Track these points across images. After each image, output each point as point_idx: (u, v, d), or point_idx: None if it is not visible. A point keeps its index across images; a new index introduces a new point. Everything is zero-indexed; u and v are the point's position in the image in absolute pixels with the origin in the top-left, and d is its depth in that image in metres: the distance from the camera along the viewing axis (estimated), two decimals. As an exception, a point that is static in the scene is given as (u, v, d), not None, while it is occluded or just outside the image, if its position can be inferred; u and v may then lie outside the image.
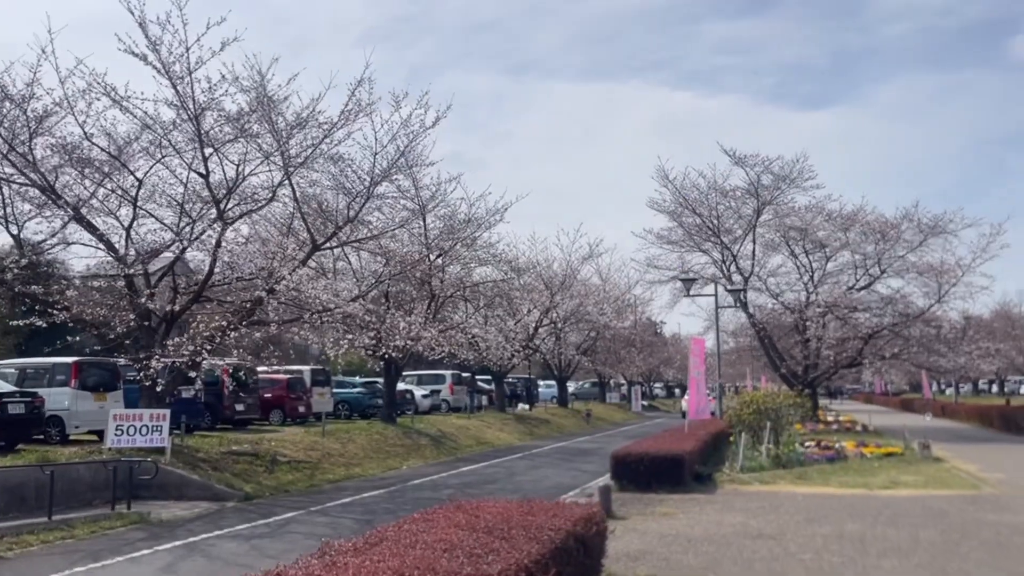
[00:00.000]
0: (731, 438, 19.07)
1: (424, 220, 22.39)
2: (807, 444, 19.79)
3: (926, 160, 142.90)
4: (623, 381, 61.81)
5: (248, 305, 15.33)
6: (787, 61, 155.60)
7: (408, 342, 20.50)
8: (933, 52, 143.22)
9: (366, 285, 19.80)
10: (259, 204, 15.04)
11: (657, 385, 79.14)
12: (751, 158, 31.12)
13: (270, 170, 14.57)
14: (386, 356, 21.01)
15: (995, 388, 69.85)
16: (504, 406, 35.04)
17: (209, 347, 14.13)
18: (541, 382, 53.96)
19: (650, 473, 13.61)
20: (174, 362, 14.15)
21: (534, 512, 6.49)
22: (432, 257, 22.88)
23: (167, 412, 14.44)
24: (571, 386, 64.24)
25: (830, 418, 35.14)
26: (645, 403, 58.35)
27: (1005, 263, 66.31)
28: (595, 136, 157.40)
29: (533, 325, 33.91)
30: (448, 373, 36.16)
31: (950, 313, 30.11)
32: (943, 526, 9.82)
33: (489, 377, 45.29)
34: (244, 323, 14.67)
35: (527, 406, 39.93)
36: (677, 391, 73.13)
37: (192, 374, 15.05)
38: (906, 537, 9.17)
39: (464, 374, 37.60)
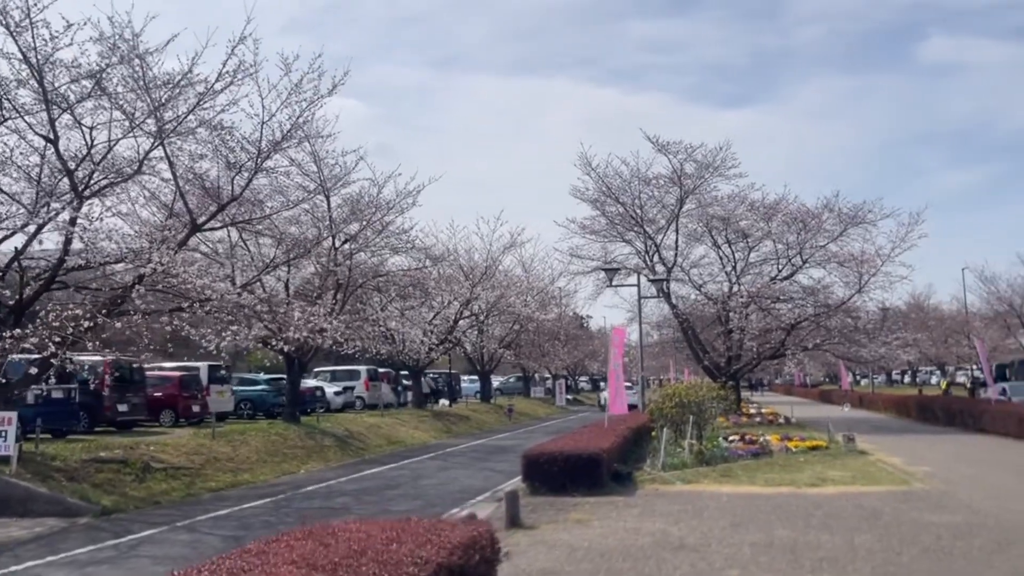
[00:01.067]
0: (653, 433, 18.16)
1: (328, 202, 20.70)
2: (731, 438, 19.01)
3: (841, 159, 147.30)
4: (548, 375, 61.01)
5: (117, 292, 13.47)
6: (708, 60, 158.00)
7: (307, 335, 18.86)
8: (846, 55, 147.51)
9: (254, 271, 17.98)
10: (124, 176, 13.16)
11: (583, 379, 78.79)
12: (674, 145, 30.42)
13: (135, 136, 12.73)
14: (284, 350, 19.28)
15: (907, 378, 71.95)
16: (422, 402, 33.54)
17: (59, 339, 12.23)
18: (465, 377, 52.63)
19: (565, 474, 12.42)
20: (20, 357, 12.21)
21: (402, 537, 5.13)
22: (337, 243, 21.22)
23: (13, 415, 12.50)
24: (496, 381, 63.16)
25: (752, 410, 34.88)
26: (570, 397, 57.65)
27: (916, 257, 68.20)
28: (523, 131, 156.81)
29: (453, 317, 32.53)
30: (363, 369, 34.42)
31: (870, 304, 30.11)
32: (879, 530, 8.89)
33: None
34: (105, 313, 12.80)
35: (447, 402, 38.52)
36: (602, 384, 72.87)
37: (41, 371, 13.08)
38: (841, 545, 8.19)
39: (382, 369, 35.99)
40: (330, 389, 31.52)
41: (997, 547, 7.84)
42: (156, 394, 21.89)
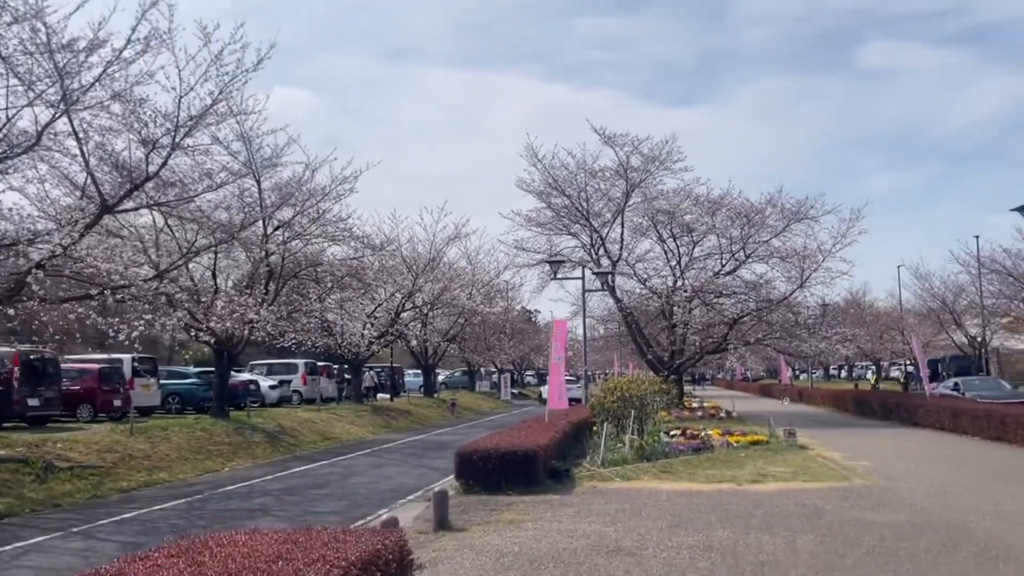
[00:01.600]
0: (594, 428, 17.74)
1: (259, 186, 19.70)
2: (672, 433, 18.70)
3: (784, 159, 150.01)
4: (494, 369, 60.46)
5: (14, 277, 12.39)
6: (657, 59, 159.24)
7: (232, 325, 17.91)
8: (790, 57, 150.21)
9: (174, 257, 16.92)
10: (21, 149, 12.07)
11: (529, 373, 78.45)
12: (620, 138, 30.15)
13: (35, 106, 11.66)
14: (209, 341, 18.31)
15: (844, 373, 73.47)
16: (362, 397, 32.63)
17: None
18: (409, 371, 51.72)
19: (500, 472, 11.84)
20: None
21: (293, 552, 4.46)
22: (268, 229, 20.24)
23: None
24: (442, 375, 62.35)
25: (695, 404, 34.93)
26: (516, 391, 57.21)
27: (854, 254, 69.50)
28: (473, 125, 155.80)
29: (395, 310, 31.68)
30: (301, 362, 33.33)
31: (810, 299, 30.33)
32: (822, 530, 8.52)
33: (369, 366, 42.68)
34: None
35: (388, 396, 37.66)
36: (576, 378, 72.62)
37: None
38: (783, 547, 7.78)
39: (322, 363, 34.93)
40: (265, 383, 30.40)
41: (943, 549, 7.51)
42: (73, 387, 20.59)
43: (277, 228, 20.76)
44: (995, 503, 10.06)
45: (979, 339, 38.87)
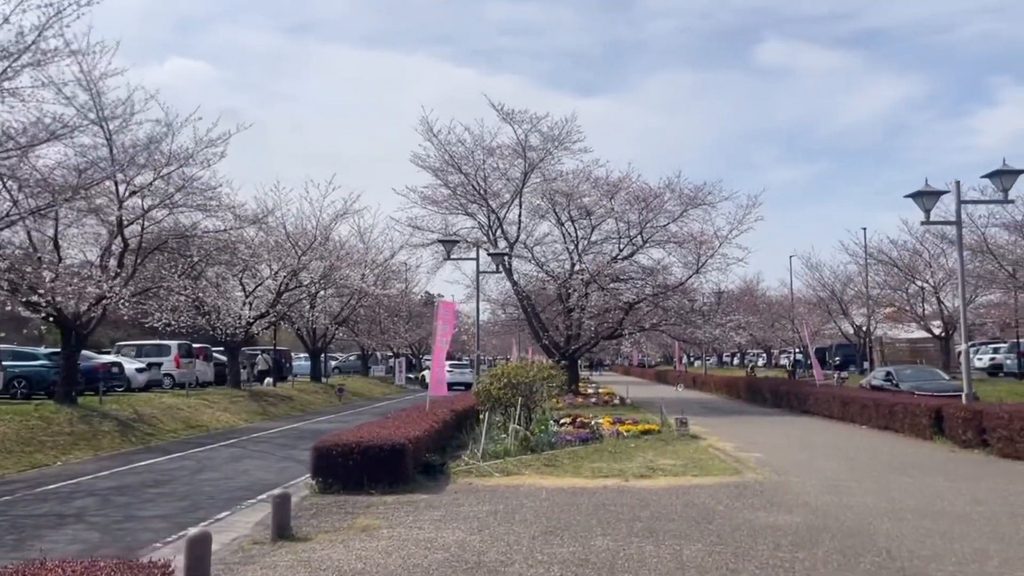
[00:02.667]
0: (481, 417, 16.59)
1: (111, 145, 17.45)
2: (562, 421, 17.79)
3: (685, 151, 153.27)
4: (390, 353, 58.65)
5: None
6: (565, 48, 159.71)
7: (79, 302, 15.79)
8: (693, 51, 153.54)
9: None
10: None
11: (427, 357, 76.85)
12: (519, 114, 29.07)
13: None
14: (48, 317, 16.10)
15: (736, 360, 75.32)
16: (239, 381, 30.45)
17: None
18: (302, 355, 49.33)
19: (363, 468, 10.48)
20: None
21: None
22: (122, 193, 18.05)
23: None
24: (337, 359, 60.05)
25: (590, 390, 34.42)
26: (412, 376, 55.63)
27: (749, 243, 71.02)
28: (380, 107, 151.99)
29: (277, 289, 29.60)
30: (174, 344, 30.82)
31: (706, 286, 30.11)
32: (712, 536, 7.59)
33: (262, 349, 40.19)
34: None
35: (271, 381, 35.54)
36: (466, 362, 71.35)
37: None
38: (668, 559, 6.77)
39: (199, 344, 32.49)
40: (131, 365, 27.84)
41: (843, 559, 6.66)
42: None
43: (134, 193, 18.57)
44: (891, 500, 9.44)
45: (864, 328, 40.00)
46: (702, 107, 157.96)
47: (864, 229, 36.53)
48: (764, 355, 66.06)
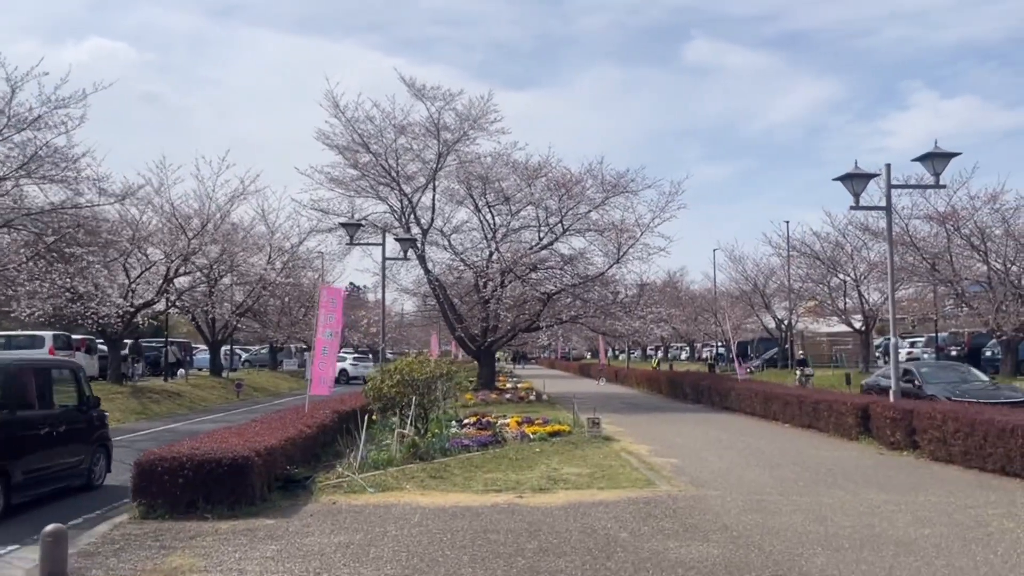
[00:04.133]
0: (374, 417, 14.75)
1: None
2: (467, 422, 16.09)
3: (614, 146, 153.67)
4: (305, 346, 55.89)
5: None
6: (497, 40, 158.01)
7: None
8: (622, 47, 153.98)
9: None
10: None
11: (347, 350, 74.09)
12: (432, 90, 27.18)
13: None
14: None
15: (660, 354, 75.03)
16: (120, 376, 27.69)
17: None
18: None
19: (197, 487, 8.55)
20: None
21: None
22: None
23: None
24: (248, 352, 56.94)
25: (509, 385, 32.87)
26: (325, 370, 52.93)
27: (672, 232, 70.73)
28: (306, 94, 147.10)
29: (164, 276, 26.98)
30: (48, 335, 27.82)
31: (628, 276, 28.80)
32: (608, 579, 5.97)
33: (170, 341, 37.25)
34: None
35: (184, 373, 32.92)
36: (370, 356, 68.82)
37: None
38: (547, 620, 5.11)
39: (81, 336, 29.54)
40: (-7, 359, 24.93)
41: (772, 618, 5.12)
42: None
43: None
44: (823, 521, 8.03)
45: (785, 322, 39.60)
46: (630, 103, 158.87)
47: (787, 222, 35.93)
48: (687, 348, 65.82)
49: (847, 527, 7.74)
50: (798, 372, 27.84)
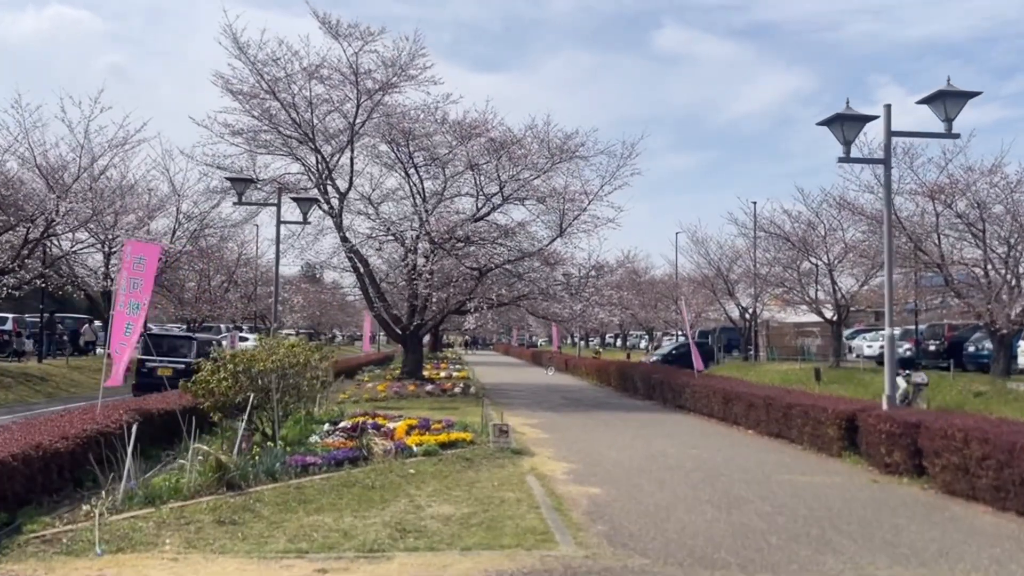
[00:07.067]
0: (216, 416, 11.03)
1: None
2: (342, 425, 12.40)
3: (582, 132, 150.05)
4: (232, 326, 51.67)
5: None
6: (464, 20, 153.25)
7: None
8: (593, 32, 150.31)
9: None
10: None
11: (285, 332, 69.83)
12: (349, 28, 23.11)
13: None
14: None
15: (619, 342, 72.01)
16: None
17: None
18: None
19: None
20: None
21: None
22: None
23: None
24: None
25: (442, 375, 29.26)
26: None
27: (632, 222, 67.46)
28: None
29: (24, 238, 22.78)
30: None
31: (579, 255, 25.12)
32: None
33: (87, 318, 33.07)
34: None
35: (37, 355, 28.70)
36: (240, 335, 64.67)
37: None
38: None
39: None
40: None
41: None
42: None
43: None
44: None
45: (750, 311, 36.47)
46: (599, 89, 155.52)
47: (755, 203, 32.62)
48: (647, 336, 62.70)
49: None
50: (902, 382, 14.68)
